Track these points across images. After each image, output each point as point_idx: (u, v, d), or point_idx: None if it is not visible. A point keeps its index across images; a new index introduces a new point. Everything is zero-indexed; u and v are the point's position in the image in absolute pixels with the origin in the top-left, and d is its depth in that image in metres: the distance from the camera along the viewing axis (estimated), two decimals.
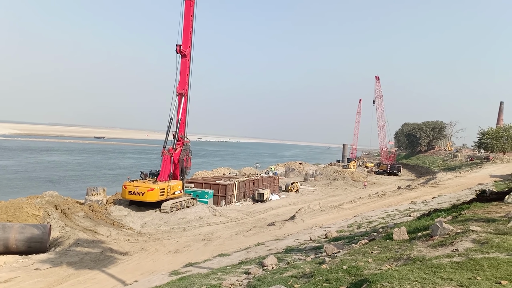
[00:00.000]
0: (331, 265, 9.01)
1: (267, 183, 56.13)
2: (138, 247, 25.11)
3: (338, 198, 54.09)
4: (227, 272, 13.26)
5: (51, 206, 31.12)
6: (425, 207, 29.62)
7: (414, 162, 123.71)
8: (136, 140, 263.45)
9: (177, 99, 37.74)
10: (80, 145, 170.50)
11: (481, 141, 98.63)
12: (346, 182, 76.10)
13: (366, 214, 31.72)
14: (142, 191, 34.02)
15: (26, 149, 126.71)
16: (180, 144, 38.46)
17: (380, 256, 8.97)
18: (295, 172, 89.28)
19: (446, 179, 62.71)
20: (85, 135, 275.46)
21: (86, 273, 19.39)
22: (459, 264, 6.84)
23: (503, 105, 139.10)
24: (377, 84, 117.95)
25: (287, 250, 17.72)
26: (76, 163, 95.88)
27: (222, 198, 45.67)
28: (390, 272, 6.58)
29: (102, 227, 29.43)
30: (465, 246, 8.03)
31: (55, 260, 21.38)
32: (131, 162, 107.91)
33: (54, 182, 63.24)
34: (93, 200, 35.04)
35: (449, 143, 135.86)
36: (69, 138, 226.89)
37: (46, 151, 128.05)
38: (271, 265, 12.40)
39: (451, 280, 6.01)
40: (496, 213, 11.75)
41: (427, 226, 11.02)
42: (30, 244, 22.87)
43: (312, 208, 38.08)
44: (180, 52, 37.42)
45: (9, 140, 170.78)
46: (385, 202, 42.45)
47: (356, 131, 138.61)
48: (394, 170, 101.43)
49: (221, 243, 26.55)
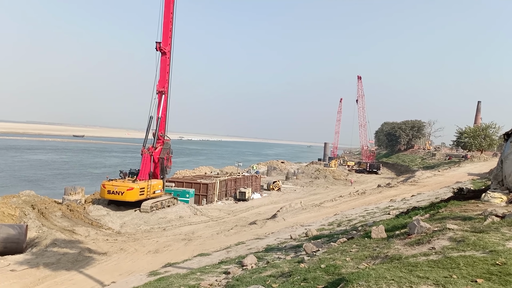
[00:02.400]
0: (309, 264, 8.98)
1: (249, 182, 56.10)
2: (117, 247, 24.76)
3: (319, 197, 54.39)
4: (206, 272, 13.13)
5: (27, 205, 30.40)
6: (404, 205, 29.94)
7: (394, 161, 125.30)
8: (116, 139, 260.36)
9: (157, 97, 37.36)
10: (63, 144, 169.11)
11: (459, 140, 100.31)
12: (327, 181, 76.56)
13: (347, 212, 31.91)
14: (122, 190, 33.59)
15: (10, 148, 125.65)
16: (160, 142, 38.07)
17: (358, 254, 8.98)
18: (277, 171, 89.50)
19: (425, 178, 63.58)
20: (64, 133, 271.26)
21: (63, 274, 19.02)
22: (435, 263, 6.86)
23: (481, 105, 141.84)
24: (359, 84, 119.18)
25: (268, 249, 17.66)
26: (62, 162, 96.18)
27: (203, 197, 45.47)
28: (367, 271, 6.56)
29: (80, 227, 28.93)
30: (441, 244, 8.06)
31: (31, 261, 20.90)
32: (117, 161, 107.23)
33: (39, 181, 63.26)
34: (71, 200, 34.42)
35: (428, 142, 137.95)
36: (48, 136, 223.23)
37: (30, 149, 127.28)
38: (250, 264, 12.32)
39: (427, 278, 6.01)
40: (472, 211, 11.88)
41: (405, 224, 11.08)
42: (5, 244, 22.33)
43: (294, 206, 38.17)
44: (160, 50, 37.04)
45: None
46: (365, 200, 42.80)
47: (337, 130, 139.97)
48: (373, 169, 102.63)
49: (202, 242, 26.37)
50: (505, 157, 14.09)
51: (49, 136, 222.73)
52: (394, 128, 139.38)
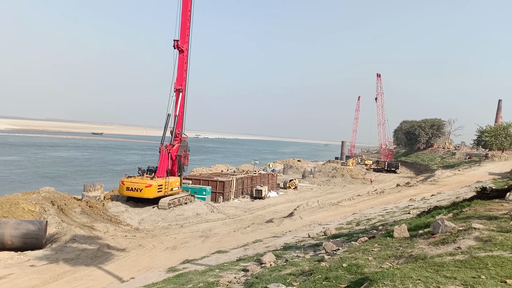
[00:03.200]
0: (330, 263, 8.83)
1: (265, 180, 56.00)
2: (136, 244, 24.92)
3: (336, 195, 53.97)
4: (224, 269, 13.08)
5: (47, 202, 30.91)
6: (424, 205, 29.48)
7: (413, 160, 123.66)
8: (134, 137, 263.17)
9: (175, 95, 37.53)
10: (83, 141, 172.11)
11: (480, 139, 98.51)
12: (344, 180, 75.97)
13: (365, 212, 31.56)
14: (140, 187, 33.85)
15: (32, 145, 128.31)
16: (177, 140, 38.26)
17: (381, 253, 8.80)
18: (293, 169, 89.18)
19: (445, 177, 62.58)
20: (83, 131, 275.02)
21: (83, 270, 19.17)
22: (462, 263, 6.67)
23: (502, 103, 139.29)
24: (378, 81, 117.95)
25: (285, 247, 17.54)
26: (83, 159, 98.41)
27: (220, 195, 45.52)
28: (391, 271, 6.40)
29: (99, 223, 29.23)
30: (467, 244, 7.85)
31: (51, 257, 21.14)
32: (137, 158, 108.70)
33: (61, 177, 64.84)
34: (90, 196, 34.85)
35: (447, 141, 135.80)
36: (67, 134, 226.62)
37: (52, 147, 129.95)
38: (269, 262, 12.21)
39: (455, 279, 5.83)
40: (497, 210, 11.58)
41: (428, 224, 10.84)
42: (25, 240, 22.64)
43: (311, 205, 37.91)
44: (177, 48, 37.18)
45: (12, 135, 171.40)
46: (384, 199, 42.30)
47: (355, 129, 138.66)
48: (392, 168, 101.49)
49: (219, 240, 26.38)
50: None
51: (68, 134, 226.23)
52: (413, 126, 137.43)
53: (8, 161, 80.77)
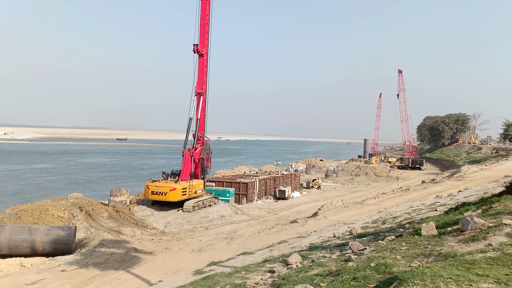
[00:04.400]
0: (357, 263, 8.76)
1: (288, 180, 55.85)
2: (162, 247, 25.20)
3: (361, 194, 53.47)
4: (251, 270, 13.11)
5: (75, 207, 31.54)
6: (451, 201, 28.94)
7: (438, 156, 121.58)
8: (158, 141, 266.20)
9: (196, 98, 37.82)
10: (109, 147, 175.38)
11: (507, 132, 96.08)
12: (368, 178, 75.19)
13: (391, 210, 31.17)
14: (165, 191, 34.22)
15: (62, 153, 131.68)
16: (200, 143, 38.54)
17: (409, 252, 8.68)
18: (316, 168, 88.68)
19: (472, 172, 61.37)
20: (107, 137, 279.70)
21: (112, 274, 19.51)
22: (494, 260, 6.53)
23: None
24: (400, 78, 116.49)
25: (311, 248, 17.46)
26: (112, 164, 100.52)
27: (243, 196, 45.63)
28: (421, 269, 6.31)
29: (126, 227, 29.67)
30: (499, 240, 7.68)
31: (80, 261, 21.57)
32: (163, 162, 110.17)
33: (90, 183, 66.39)
34: (117, 201, 35.39)
35: (473, 136, 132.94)
36: (93, 140, 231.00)
37: (81, 153, 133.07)
38: (295, 263, 12.18)
39: (487, 276, 5.72)
40: None
41: (457, 221, 10.65)
42: (56, 245, 23.16)
43: (335, 204, 37.65)
44: (197, 52, 37.48)
45: (41, 144, 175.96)
46: (410, 197, 41.70)
47: (377, 126, 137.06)
48: (416, 164, 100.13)
49: (244, 241, 26.44)
50: None
51: (94, 140, 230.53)
52: (437, 122, 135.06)
53: (42, 168, 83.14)
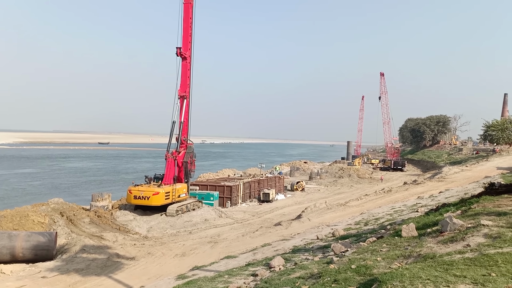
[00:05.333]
0: (339, 265, 8.80)
1: (272, 183, 55.93)
2: (145, 252, 24.97)
3: (344, 196, 53.81)
4: (234, 274, 13.07)
5: (56, 213, 31.04)
6: (432, 202, 29.31)
7: (419, 157, 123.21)
8: (141, 145, 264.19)
9: (179, 102, 37.65)
10: (92, 152, 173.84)
11: (487, 133, 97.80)
12: (351, 180, 75.76)
13: (373, 211, 31.43)
14: (147, 195, 33.91)
15: (45, 157, 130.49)
16: (183, 147, 38.35)
17: (389, 254, 8.76)
18: (300, 171, 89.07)
19: (453, 173, 62.29)
20: (89, 141, 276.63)
21: (93, 280, 19.24)
22: (472, 260, 6.62)
23: (507, 97, 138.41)
24: (381, 80, 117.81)
25: (294, 250, 17.50)
26: (96, 169, 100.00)
27: (227, 200, 45.53)
28: (400, 271, 6.37)
29: (108, 232, 29.31)
30: (477, 241, 7.79)
31: (62, 268, 21.24)
32: (148, 165, 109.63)
33: (73, 188, 65.92)
34: (99, 206, 34.97)
35: (454, 137, 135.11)
36: (74, 144, 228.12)
37: (65, 158, 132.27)
38: (278, 266, 12.18)
39: (465, 277, 5.79)
40: (506, 206, 11.49)
41: (436, 222, 10.79)
42: (36, 252, 22.72)
43: (318, 206, 37.83)
44: (180, 55, 37.33)
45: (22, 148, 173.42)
46: (392, 198, 42.12)
47: (360, 128, 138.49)
48: (398, 166, 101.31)
49: (227, 245, 26.37)
50: None
51: (75, 144, 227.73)
52: (419, 124, 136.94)
53: (26, 173, 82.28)
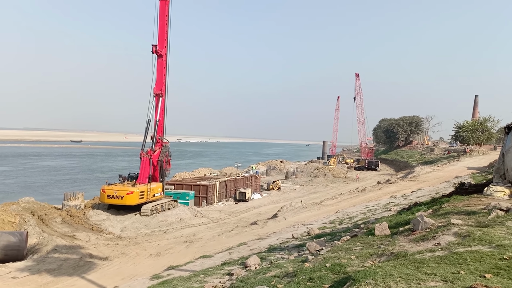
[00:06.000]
0: (314, 264, 8.89)
1: (248, 183, 56.01)
2: (118, 252, 24.65)
3: (319, 195, 54.31)
4: (209, 274, 13.04)
5: (27, 212, 30.28)
6: (405, 201, 29.89)
7: (393, 157, 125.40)
8: (115, 143, 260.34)
9: (154, 100, 37.28)
10: (66, 150, 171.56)
11: (458, 134, 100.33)
12: (327, 179, 76.52)
13: (348, 210, 31.85)
14: (121, 194, 33.46)
15: (17, 155, 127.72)
16: (158, 145, 37.99)
17: (363, 252, 8.89)
18: (276, 170, 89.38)
19: (425, 173, 63.57)
20: (61, 139, 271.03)
21: (65, 280, 18.92)
22: (442, 259, 6.78)
23: (478, 98, 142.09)
24: (357, 81, 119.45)
25: (270, 249, 17.58)
26: (70, 167, 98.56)
27: (203, 199, 45.35)
28: (373, 269, 6.48)
29: (80, 232, 28.79)
30: (447, 240, 7.99)
31: (33, 268, 20.79)
32: (124, 164, 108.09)
33: (46, 186, 64.75)
34: (71, 205, 34.30)
35: (426, 137, 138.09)
36: (46, 142, 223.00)
37: (38, 156, 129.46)
38: (254, 265, 12.22)
39: (435, 275, 5.93)
40: (476, 205, 11.80)
41: (409, 221, 11.00)
42: (6, 252, 22.21)
43: (294, 205, 38.10)
44: (156, 53, 36.98)
45: None
46: (366, 197, 42.75)
47: (335, 128, 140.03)
48: (372, 166, 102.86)
49: (203, 244, 26.28)
50: (507, 150, 14.02)
51: (47, 142, 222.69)
52: (392, 124, 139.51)
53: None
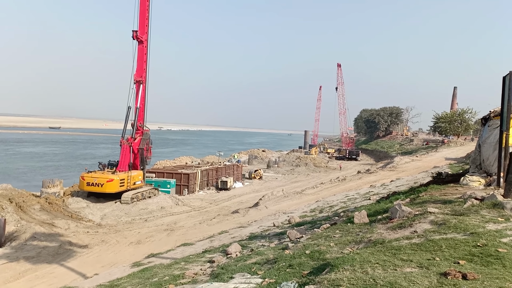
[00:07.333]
0: (294, 250, 9.02)
1: (230, 171, 56.03)
2: (98, 239, 24.51)
3: (300, 184, 54.72)
4: (190, 261, 13.10)
5: (5, 199, 29.76)
6: (384, 191, 30.36)
7: (373, 147, 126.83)
8: (94, 130, 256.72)
9: (135, 87, 36.83)
10: (48, 136, 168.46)
11: (436, 125, 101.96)
12: (308, 168, 77.08)
13: (328, 199, 32.22)
14: (101, 182, 33.16)
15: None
16: (139, 133, 37.64)
17: (342, 239, 9.05)
18: (258, 159, 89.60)
19: (404, 163, 64.57)
20: (39, 125, 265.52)
21: (44, 268, 18.78)
22: (418, 246, 6.95)
23: (457, 90, 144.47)
24: (338, 71, 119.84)
25: (251, 237, 17.72)
26: (53, 154, 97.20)
27: (184, 187, 45.24)
28: (351, 256, 6.61)
29: (59, 220, 28.50)
30: (423, 227, 8.17)
31: (11, 255, 20.58)
32: (107, 152, 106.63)
33: (28, 173, 64.07)
34: (50, 193, 33.83)
35: (405, 128, 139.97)
36: (23, 128, 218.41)
37: (19, 142, 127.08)
38: (235, 252, 12.34)
39: (411, 261, 6.08)
40: (452, 194, 12.08)
41: (387, 209, 11.22)
42: None
43: (276, 194, 38.35)
44: (136, 39, 36.47)
45: None
46: (346, 186, 43.25)
47: (317, 118, 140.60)
48: (353, 155, 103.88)
49: (184, 232, 26.30)
50: (483, 141, 14.35)
51: (25, 129, 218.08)
52: (373, 115, 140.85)
53: None
